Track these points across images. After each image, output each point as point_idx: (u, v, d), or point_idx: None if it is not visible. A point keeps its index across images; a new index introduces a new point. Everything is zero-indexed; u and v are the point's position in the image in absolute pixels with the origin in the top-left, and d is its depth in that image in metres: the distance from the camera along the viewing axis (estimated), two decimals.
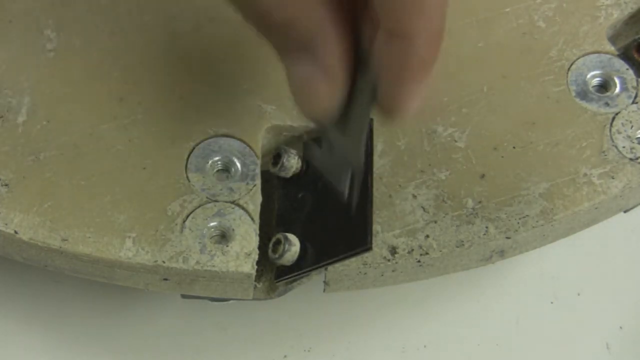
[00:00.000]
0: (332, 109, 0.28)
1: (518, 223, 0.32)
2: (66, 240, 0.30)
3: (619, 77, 0.35)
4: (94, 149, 0.32)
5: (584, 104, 0.35)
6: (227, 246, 0.30)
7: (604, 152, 0.33)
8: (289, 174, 0.31)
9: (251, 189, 0.32)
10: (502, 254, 0.32)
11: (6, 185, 0.31)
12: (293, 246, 0.30)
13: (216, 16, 0.35)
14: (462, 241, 0.31)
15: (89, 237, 0.30)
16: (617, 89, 0.35)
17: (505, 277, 0.41)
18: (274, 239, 0.30)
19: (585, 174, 0.33)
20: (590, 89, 0.35)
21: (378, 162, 0.33)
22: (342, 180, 0.29)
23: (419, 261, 0.31)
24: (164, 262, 0.30)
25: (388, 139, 0.33)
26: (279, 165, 0.31)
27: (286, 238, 0.30)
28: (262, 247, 0.31)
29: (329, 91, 0.28)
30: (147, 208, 0.31)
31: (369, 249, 0.28)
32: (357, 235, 0.28)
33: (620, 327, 0.40)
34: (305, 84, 0.28)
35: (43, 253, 0.30)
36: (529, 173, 0.33)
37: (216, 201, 0.31)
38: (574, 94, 0.35)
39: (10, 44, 0.34)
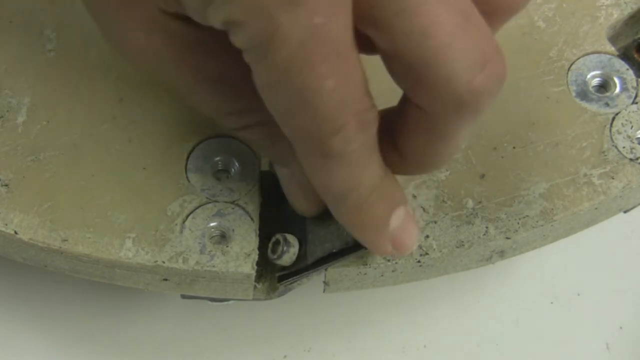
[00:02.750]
0: (315, 214, 0.29)
1: (518, 223, 0.32)
2: (66, 240, 0.30)
3: (619, 77, 0.35)
4: (94, 149, 0.32)
5: (584, 104, 0.35)
6: (227, 246, 0.30)
7: (604, 152, 0.33)
8: None
9: (251, 189, 0.32)
10: (502, 254, 0.32)
11: (6, 185, 0.31)
12: (292, 247, 0.30)
13: None
14: (462, 241, 0.31)
15: (89, 237, 0.30)
16: (617, 89, 0.35)
17: (505, 277, 0.41)
18: (273, 239, 0.30)
19: (585, 174, 0.33)
20: (590, 89, 0.35)
21: None
22: None
23: (419, 261, 0.31)
24: (163, 262, 0.30)
25: None
26: None
27: (285, 239, 0.30)
28: (262, 247, 0.31)
29: (305, 201, 0.29)
30: (147, 208, 0.31)
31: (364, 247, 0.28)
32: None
33: (620, 327, 0.40)
34: (286, 188, 0.29)
35: (43, 253, 0.30)
36: (529, 173, 0.33)
37: (216, 201, 0.31)
38: (574, 94, 0.35)
39: (10, 44, 0.34)
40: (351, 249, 0.28)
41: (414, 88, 0.24)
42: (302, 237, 0.30)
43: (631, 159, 0.33)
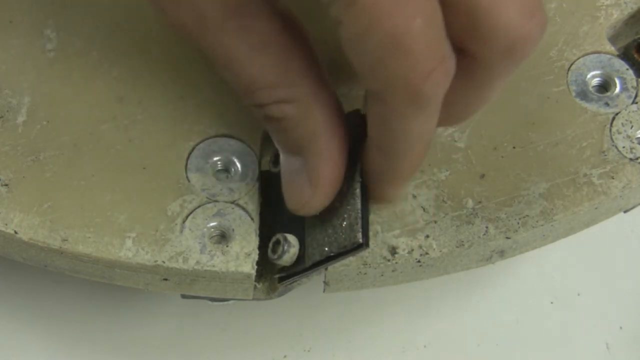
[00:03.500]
0: (313, 211, 0.29)
1: (518, 223, 0.32)
2: (66, 240, 0.30)
3: (619, 77, 0.35)
4: (94, 149, 0.32)
5: (584, 104, 0.35)
6: (227, 246, 0.30)
7: (604, 152, 0.33)
8: None
9: (251, 189, 0.32)
10: (502, 254, 0.32)
11: (6, 185, 0.31)
12: (292, 247, 0.30)
13: None
14: (462, 241, 0.31)
15: (89, 237, 0.30)
16: (617, 89, 0.35)
17: (505, 277, 0.41)
18: (273, 239, 0.30)
19: (585, 174, 0.33)
20: (590, 89, 0.35)
21: None
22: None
23: (419, 261, 0.31)
24: (164, 262, 0.30)
25: None
26: (279, 167, 0.31)
27: (285, 239, 0.30)
28: (262, 247, 0.31)
29: (311, 197, 0.28)
30: (147, 208, 0.31)
31: (361, 245, 0.28)
32: (354, 234, 0.28)
33: (620, 327, 0.40)
34: (290, 181, 0.29)
35: (43, 253, 0.30)
36: (529, 173, 0.33)
37: (216, 201, 0.31)
38: (574, 94, 0.35)
39: (10, 44, 0.34)
40: (349, 251, 0.28)
41: (467, 34, 0.25)
42: (302, 237, 0.30)
43: (631, 159, 0.33)
